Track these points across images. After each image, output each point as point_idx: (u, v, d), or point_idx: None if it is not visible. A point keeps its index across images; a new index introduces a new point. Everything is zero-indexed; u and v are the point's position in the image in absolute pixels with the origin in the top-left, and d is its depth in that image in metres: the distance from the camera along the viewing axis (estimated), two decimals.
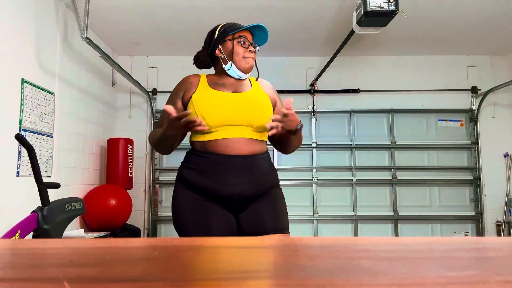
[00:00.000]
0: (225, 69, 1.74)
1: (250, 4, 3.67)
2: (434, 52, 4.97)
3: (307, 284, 0.36)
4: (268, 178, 1.72)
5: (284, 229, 1.71)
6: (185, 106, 1.71)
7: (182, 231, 1.67)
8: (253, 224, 1.67)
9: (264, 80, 1.85)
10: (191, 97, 1.68)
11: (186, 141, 1.80)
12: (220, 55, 1.75)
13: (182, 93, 1.73)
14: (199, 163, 1.64)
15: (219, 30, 1.75)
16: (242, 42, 1.71)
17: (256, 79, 1.84)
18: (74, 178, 3.82)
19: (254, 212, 1.68)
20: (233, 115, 1.62)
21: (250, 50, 1.72)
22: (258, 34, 1.75)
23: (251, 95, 1.71)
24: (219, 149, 1.62)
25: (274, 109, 1.78)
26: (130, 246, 0.56)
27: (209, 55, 1.80)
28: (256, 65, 1.81)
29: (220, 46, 1.75)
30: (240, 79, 1.76)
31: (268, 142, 1.80)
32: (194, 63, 1.87)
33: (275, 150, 1.97)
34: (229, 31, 1.73)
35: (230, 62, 1.72)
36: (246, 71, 1.73)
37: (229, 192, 1.62)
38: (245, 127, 1.64)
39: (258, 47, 1.76)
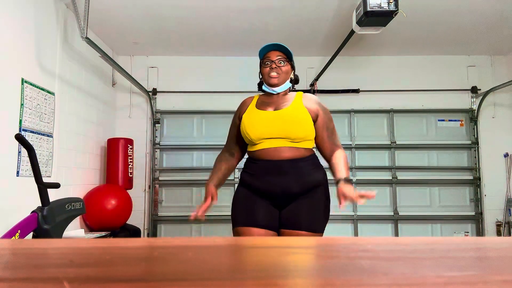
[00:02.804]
0: (263, 88, 2.12)
1: (250, 5, 3.67)
2: (434, 52, 4.97)
3: (307, 284, 0.36)
4: (310, 178, 1.97)
5: (317, 230, 1.96)
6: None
7: (232, 218, 2.06)
8: (290, 222, 1.96)
9: (309, 95, 2.12)
10: (242, 117, 2.07)
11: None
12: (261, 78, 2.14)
13: (239, 114, 2.13)
14: (251, 167, 2.04)
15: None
16: (267, 63, 2.05)
17: (291, 90, 2.15)
18: (74, 178, 3.82)
19: (294, 210, 1.96)
20: (270, 130, 1.95)
21: (273, 67, 2.03)
22: (279, 48, 2.05)
23: (288, 111, 1.99)
24: (264, 157, 1.97)
25: (316, 120, 2.02)
26: (130, 246, 0.56)
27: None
28: (293, 75, 2.13)
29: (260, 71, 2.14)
30: (279, 95, 2.07)
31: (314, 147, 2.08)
32: (258, 88, 2.21)
33: None
34: (260, 57, 2.10)
35: (263, 82, 2.11)
36: (271, 85, 2.05)
37: (273, 190, 1.96)
38: (283, 138, 1.94)
39: (283, 61, 2.05)
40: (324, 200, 2.01)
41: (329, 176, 2.06)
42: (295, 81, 2.16)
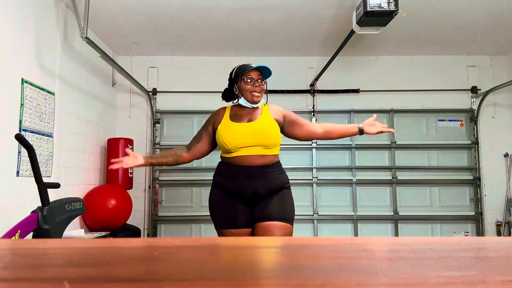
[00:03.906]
0: (239, 102, 2.31)
1: (250, 4, 3.67)
2: (434, 52, 4.97)
3: (307, 284, 0.36)
4: (276, 182, 2.27)
5: (287, 220, 2.23)
6: (214, 131, 2.34)
7: (214, 219, 2.32)
8: (263, 213, 2.21)
9: (274, 106, 2.39)
10: (217, 128, 2.30)
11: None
12: (236, 92, 2.33)
13: (213, 121, 2.37)
14: (225, 171, 2.29)
15: (234, 73, 2.32)
16: (249, 80, 2.26)
17: (265, 104, 2.37)
18: (74, 178, 3.82)
19: (265, 204, 2.24)
20: (245, 140, 2.21)
21: (255, 85, 2.25)
22: (264, 69, 2.27)
23: (260, 122, 2.26)
24: (239, 163, 2.23)
25: (284, 126, 2.34)
26: (130, 246, 0.56)
27: (230, 92, 2.39)
28: (266, 93, 2.35)
29: (235, 85, 2.32)
30: (253, 108, 2.30)
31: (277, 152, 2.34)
32: (222, 99, 2.44)
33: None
34: (239, 73, 2.28)
35: (242, 97, 2.29)
36: (254, 102, 2.27)
37: (245, 192, 2.23)
38: (256, 146, 2.21)
39: (264, 81, 2.29)
40: (289, 198, 2.32)
41: (291, 176, 2.42)
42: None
